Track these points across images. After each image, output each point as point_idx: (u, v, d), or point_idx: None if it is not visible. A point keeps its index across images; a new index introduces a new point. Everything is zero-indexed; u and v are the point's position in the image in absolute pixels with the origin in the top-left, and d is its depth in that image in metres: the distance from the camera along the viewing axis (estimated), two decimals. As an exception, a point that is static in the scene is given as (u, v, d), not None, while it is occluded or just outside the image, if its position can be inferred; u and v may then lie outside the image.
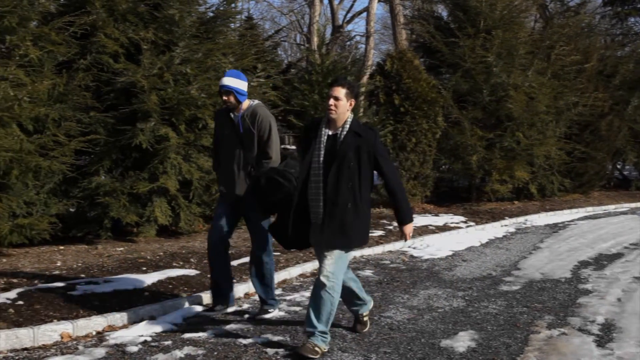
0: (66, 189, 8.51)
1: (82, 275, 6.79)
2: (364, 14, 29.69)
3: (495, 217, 12.58)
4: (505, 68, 14.26)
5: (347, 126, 4.73)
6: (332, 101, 4.69)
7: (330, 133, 4.75)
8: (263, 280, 5.73)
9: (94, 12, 8.67)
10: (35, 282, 6.43)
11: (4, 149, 7.18)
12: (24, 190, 7.72)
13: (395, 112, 13.25)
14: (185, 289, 6.46)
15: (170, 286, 6.50)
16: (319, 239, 4.78)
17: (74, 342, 5.02)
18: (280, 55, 30.78)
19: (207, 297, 6.22)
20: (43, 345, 4.92)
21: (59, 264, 7.32)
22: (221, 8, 10.55)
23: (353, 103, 4.78)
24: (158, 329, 5.39)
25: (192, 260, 7.79)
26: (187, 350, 4.91)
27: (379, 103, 13.61)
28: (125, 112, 8.78)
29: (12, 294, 5.88)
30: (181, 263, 7.59)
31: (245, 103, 5.56)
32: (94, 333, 5.23)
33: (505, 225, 11.97)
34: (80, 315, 5.44)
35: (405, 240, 4.94)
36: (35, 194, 7.89)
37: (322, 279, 4.66)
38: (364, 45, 28.12)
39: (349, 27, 37.61)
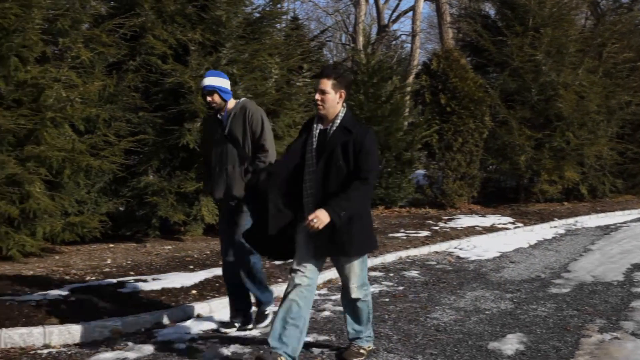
0: (116, 188, 8.67)
1: (131, 273, 6.91)
2: (410, 13, 29.52)
3: (544, 218, 12.34)
4: (554, 66, 13.99)
5: (338, 121, 4.26)
6: (318, 95, 4.21)
7: (322, 127, 4.31)
8: (254, 278, 5.32)
9: (143, 14, 8.81)
10: (87, 279, 6.57)
11: (57, 149, 7.36)
12: (76, 189, 7.91)
13: (441, 112, 13.13)
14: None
15: (217, 284, 6.56)
16: (318, 249, 4.27)
17: (124, 339, 5.11)
18: (326, 55, 30.78)
19: (253, 296, 6.25)
20: (94, 340, 5.02)
21: (109, 262, 7.46)
22: (267, 9, 10.62)
23: (344, 94, 4.26)
24: (205, 326, 5.44)
25: (238, 259, 7.84)
26: (234, 348, 4.94)
27: (424, 103, 13.51)
28: (173, 112, 8.90)
29: (65, 290, 6.02)
30: (227, 262, 7.64)
31: (231, 102, 5.27)
32: (143, 330, 5.31)
33: (555, 227, 11.73)
34: (129, 312, 5.52)
35: (306, 224, 4.12)
36: (86, 193, 8.08)
37: (354, 295, 4.44)
38: (409, 45, 27.96)
39: (395, 26, 37.37)
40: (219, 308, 5.90)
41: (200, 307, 5.81)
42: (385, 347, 5.04)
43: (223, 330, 5.40)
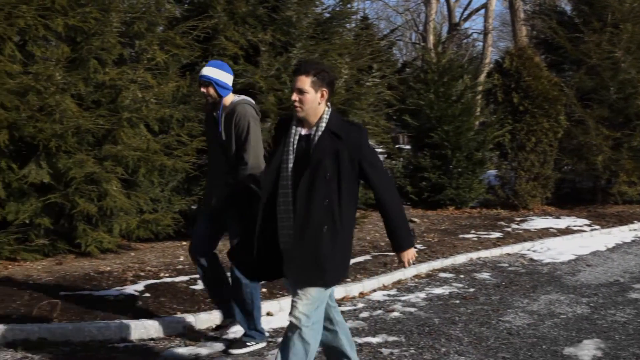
0: (188, 187, 8.85)
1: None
2: (482, 11, 29.02)
3: (622, 220, 11.88)
4: (634, 64, 13.46)
5: (323, 124, 3.57)
6: (295, 95, 3.56)
7: (302, 132, 3.61)
8: (244, 307, 4.82)
9: (216, 15, 8.96)
10: (161, 275, 6.73)
11: (132, 148, 7.57)
12: (150, 188, 8.12)
13: (514, 111, 12.84)
14: (301, 286, 6.53)
15: (287, 283, 6.60)
16: (289, 269, 3.69)
17: (196, 335, 5.20)
18: (396, 55, 30.65)
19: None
20: (168, 336, 5.14)
21: (181, 259, 7.62)
22: (337, 9, 10.62)
23: (326, 93, 3.59)
24: (275, 324, 5.49)
25: (307, 258, 7.88)
26: (303, 346, 4.96)
27: (496, 102, 13.25)
28: (243, 112, 9.00)
29: (140, 286, 6.19)
30: (297, 261, 7.68)
31: (228, 99, 4.76)
32: (214, 326, 5.40)
33: (634, 230, 11.28)
34: (201, 308, 5.63)
35: (405, 267, 3.83)
36: (160, 192, 8.28)
37: (293, 320, 3.55)
38: (481, 43, 27.51)
39: (466, 24, 36.82)
40: (289, 307, 5.91)
41: (270, 305, 5.86)
42: (456, 349, 4.96)
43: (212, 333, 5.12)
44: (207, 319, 5.43)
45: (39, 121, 6.99)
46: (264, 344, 4.93)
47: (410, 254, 3.69)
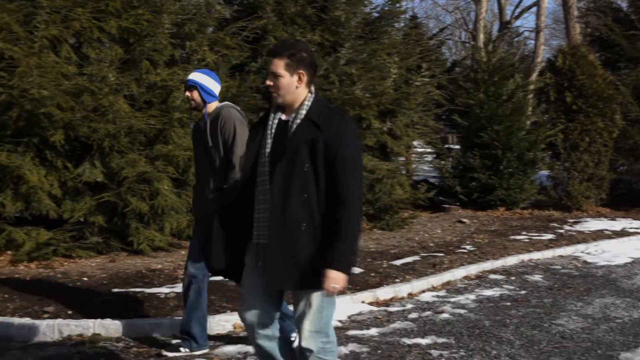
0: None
1: (252, 269, 7.07)
2: (534, 9, 28.51)
3: (681, 223, 11.51)
4: (693, 60, 13.04)
5: (304, 111, 3.19)
6: (269, 80, 3.21)
7: (282, 117, 3.26)
8: (195, 310, 4.68)
9: (265, 16, 9.03)
10: (209, 273, 6.78)
11: (183, 148, 7.67)
12: (200, 187, 8.20)
13: (566, 111, 12.57)
14: (349, 286, 6.51)
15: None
16: (265, 267, 3.21)
17: (245, 333, 5.23)
18: (445, 54, 30.34)
19: (370, 295, 6.25)
20: (218, 334, 5.18)
21: (231, 258, 7.68)
22: (386, 8, 10.60)
23: (304, 76, 3.19)
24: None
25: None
26: (352, 347, 4.95)
27: (549, 101, 12.99)
28: (292, 112, 9.04)
29: (190, 283, 6.26)
30: (345, 261, 7.67)
31: (213, 105, 4.64)
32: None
33: (693, 232, 10.92)
34: (250, 307, 5.65)
35: (328, 294, 3.10)
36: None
37: (305, 344, 3.19)
38: (533, 41, 27.03)
39: (518, 22, 36.29)
40: (338, 306, 5.90)
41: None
42: (507, 352, 4.87)
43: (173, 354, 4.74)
44: (256, 317, 5.45)
45: (93, 121, 7.15)
46: (205, 350, 4.76)
47: (337, 278, 3.03)
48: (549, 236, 9.83)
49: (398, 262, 7.66)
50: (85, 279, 6.47)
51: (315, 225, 3.10)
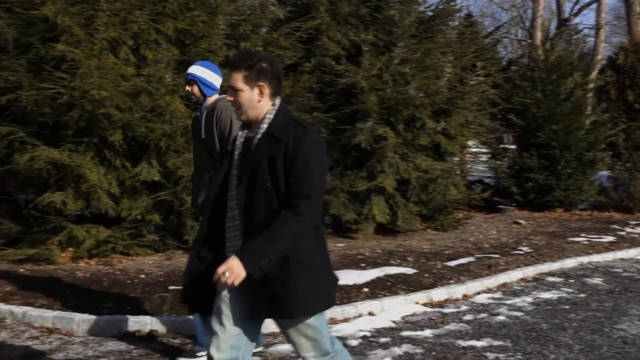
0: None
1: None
2: (594, 5, 27.80)
3: None
4: None
5: (265, 125, 2.94)
6: (229, 95, 2.97)
7: (248, 135, 3.02)
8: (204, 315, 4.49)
9: (319, 16, 9.04)
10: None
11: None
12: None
13: (628, 109, 12.25)
14: (403, 287, 6.48)
15: (388, 283, 6.56)
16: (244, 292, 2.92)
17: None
18: (501, 53, 29.86)
19: (424, 296, 6.19)
20: (272, 332, 5.20)
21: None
22: (440, 6, 10.47)
23: (266, 89, 2.93)
24: (377, 324, 5.46)
25: (409, 258, 7.80)
26: (406, 348, 4.91)
27: (609, 100, 12.66)
28: (345, 112, 9.05)
29: (244, 282, 6.32)
30: (398, 261, 7.63)
31: (212, 98, 4.56)
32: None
33: None
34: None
35: (219, 281, 2.79)
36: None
37: None
38: (593, 39, 26.36)
39: (577, 19, 35.46)
40: (391, 307, 5.89)
41: (372, 305, 5.83)
42: (566, 357, 4.75)
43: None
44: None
45: (150, 121, 7.29)
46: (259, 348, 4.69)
47: (234, 270, 2.76)
48: (610, 238, 9.56)
49: (452, 263, 7.57)
50: (143, 276, 6.60)
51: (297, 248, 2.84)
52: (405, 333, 5.27)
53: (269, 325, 5.24)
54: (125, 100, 7.15)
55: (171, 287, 6.11)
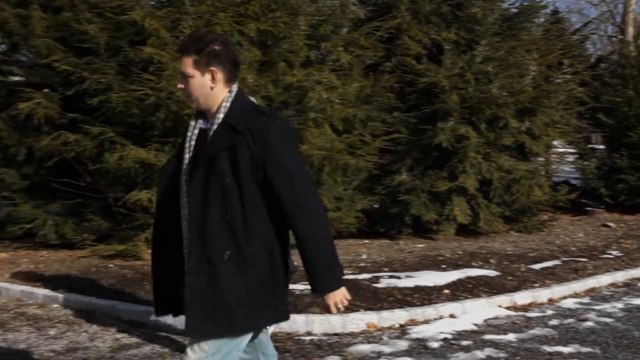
0: (370, 185, 8.94)
1: (385, 269, 7.05)
2: (688, -1, 26.44)
3: None
4: None
5: (221, 115, 2.61)
6: (180, 82, 2.68)
7: (202, 126, 2.71)
8: None
9: (400, 15, 8.98)
10: (344, 272, 6.83)
11: (317, 148, 7.78)
12: (334, 186, 8.29)
13: None
14: (485, 289, 6.33)
15: (470, 285, 6.43)
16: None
17: (379, 332, 5.22)
18: (589, 49, 28.83)
19: (507, 299, 6.04)
20: (351, 332, 5.20)
21: (364, 257, 7.71)
22: (525, 3, 10.21)
23: (219, 74, 2.61)
24: (458, 327, 5.36)
25: (491, 260, 7.63)
26: (488, 352, 4.80)
27: None
28: (426, 111, 8.95)
29: (324, 281, 6.33)
30: (480, 263, 7.47)
31: None
32: (397, 325, 5.38)
33: None
34: (384, 307, 5.64)
35: (332, 313, 2.63)
36: (343, 190, 8.43)
37: None
38: (687, 34, 25.04)
39: (669, 14, 33.79)
40: (472, 309, 5.77)
41: (453, 307, 5.73)
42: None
43: None
44: (389, 317, 5.43)
45: (233, 122, 7.40)
46: None
47: (337, 296, 2.59)
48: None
49: (537, 266, 7.35)
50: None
51: (243, 254, 2.52)
52: (487, 336, 5.15)
53: (348, 325, 5.24)
54: (208, 101, 7.29)
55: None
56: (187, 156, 2.68)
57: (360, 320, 5.32)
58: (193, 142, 2.68)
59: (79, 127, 7.30)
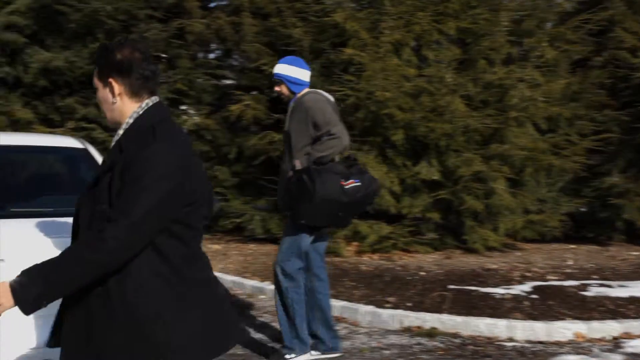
0: (577, 188, 8.42)
1: (594, 277, 6.59)
2: None
3: None
4: None
5: (121, 132, 2.19)
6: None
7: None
8: (287, 313, 4.34)
9: (612, 6, 8.35)
10: (547, 277, 6.51)
11: (519, 148, 7.49)
12: (536, 188, 7.95)
13: None
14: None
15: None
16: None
17: (588, 344, 4.88)
18: None
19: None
20: (557, 341, 4.91)
21: (569, 263, 7.27)
22: None
23: (118, 84, 2.16)
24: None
25: None
26: None
27: None
28: (641, 109, 8.25)
29: (527, 287, 6.08)
30: None
31: (301, 94, 4.38)
32: (609, 338, 4.99)
33: None
34: (593, 317, 5.26)
35: None
36: (546, 192, 8.04)
37: None
38: None
39: None
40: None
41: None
42: None
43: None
44: (600, 328, 5.05)
45: (430, 121, 7.36)
46: (305, 356, 4.40)
47: (5, 300, 1.93)
48: None
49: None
50: (423, 273, 6.68)
51: (111, 297, 2.02)
52: None
53: (553, 334, 4.96)
54: (407, 100, 7.31)
55: (451, 287, 6.09)
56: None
57: (566, 330, 5.01)
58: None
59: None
